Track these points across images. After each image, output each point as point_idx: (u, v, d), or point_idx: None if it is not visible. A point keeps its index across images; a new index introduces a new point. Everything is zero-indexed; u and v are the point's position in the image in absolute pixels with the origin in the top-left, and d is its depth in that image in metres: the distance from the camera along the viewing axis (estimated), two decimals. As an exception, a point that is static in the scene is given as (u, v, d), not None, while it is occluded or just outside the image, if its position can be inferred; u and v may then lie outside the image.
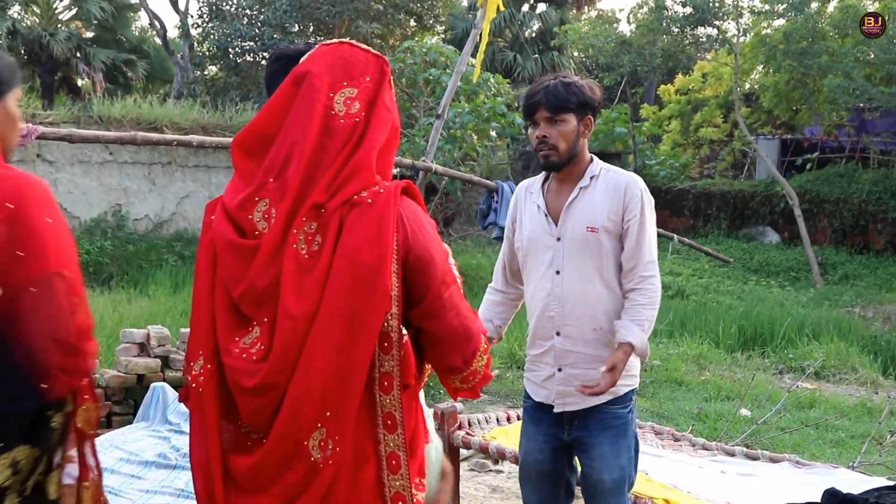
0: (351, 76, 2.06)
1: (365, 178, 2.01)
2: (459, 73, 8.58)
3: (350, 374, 1.96)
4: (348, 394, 1.97)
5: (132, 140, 6.56)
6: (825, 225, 20.08)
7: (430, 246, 2.06)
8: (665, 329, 11.02)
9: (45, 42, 22.91)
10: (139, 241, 15.91)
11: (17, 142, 2.37)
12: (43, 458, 2.06)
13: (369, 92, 2.06)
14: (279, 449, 1.97)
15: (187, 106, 18.47)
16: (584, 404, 3.31)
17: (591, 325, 3.30)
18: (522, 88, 22.03)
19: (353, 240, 1.95)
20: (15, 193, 2.05)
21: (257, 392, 1.96)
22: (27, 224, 2.03)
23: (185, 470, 4.90)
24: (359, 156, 2.01)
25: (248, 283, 1.98)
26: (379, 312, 1.97)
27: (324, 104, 2.01)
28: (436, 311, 2.06)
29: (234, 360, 1.99)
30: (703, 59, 24.70)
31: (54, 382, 2.02)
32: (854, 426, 7.50)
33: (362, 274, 1.94)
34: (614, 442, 3.31)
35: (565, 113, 3.29)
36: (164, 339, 6.74)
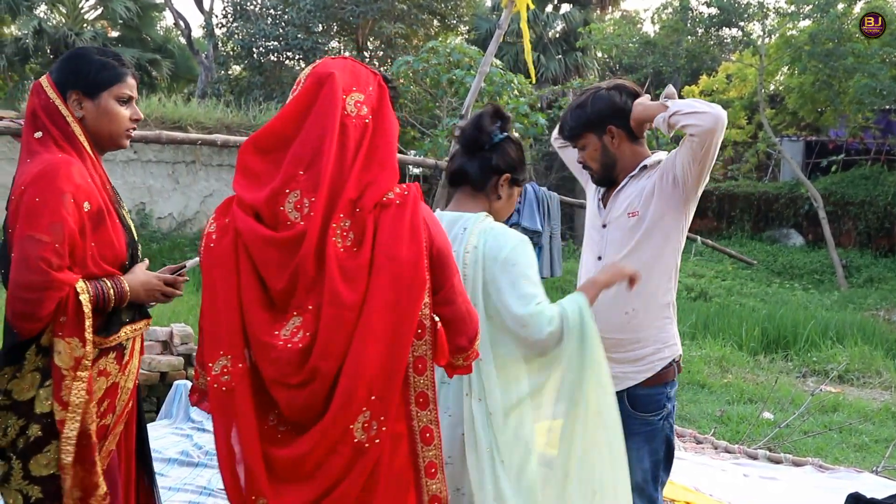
0: (358, 83, 2.24)
1: (390, 180, 2.21)
2: (483, 73, 8.56)
3: (395, 361, 2.13)
4: (393, 379, 2.14)
5: (157, 139, 6.59)
6: (850, 227, 19.94)
7: (445, 241, 2.30)
8: (688, 331, 10.97)
9: (70, 41, 23.05)
10: (163, 239, 16.00)
11: (120, 137, 2.84)
12: (23, 376, 2.64)
13: (374, 100, 2.24)
14: (329, 435, 2.09)
15: (211, 105, 18.55)
16: (620, 386, 3.25)
17: (622, 309, 3.30)
18: (545, 89, 21.99)
19: (390, 238, 2.14)
20: (27, 180, 2.60)
21: (303, 384, 2.09)
22: (25, 202, 2.57)
23: (207, 468, 4.93)
24: (380, 157, 2.20)
25: (297, 271, 2.09)
26: (418, 303, 2.16)
27: (342, 103, 2.18)
28: (450, 298, 2.29)
29: (278, 353, 2.08)
30: (728, 61, 24.56)
31: (19, 325, 2.56)
32: (878, 430, 7.44)
33: (403, 269, 2.13)
34: (638, 447, 3.28)
35: (581, 139, 3.38)
36: (186, 337, 6.78)
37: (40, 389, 2.63)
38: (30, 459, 2.63)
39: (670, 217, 3.33)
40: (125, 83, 2.85)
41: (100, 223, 2.69)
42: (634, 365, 3.33)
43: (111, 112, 2.81)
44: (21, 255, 2.53)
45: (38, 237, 2.53)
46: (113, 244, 2.74)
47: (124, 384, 2.83)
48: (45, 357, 2.64)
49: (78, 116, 2.76)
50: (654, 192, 3.30)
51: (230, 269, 2.15)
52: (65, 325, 2.59)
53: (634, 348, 3.32)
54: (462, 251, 2.79)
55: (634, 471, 3.24)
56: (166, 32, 29.43)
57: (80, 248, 2.63)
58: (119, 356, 2.78)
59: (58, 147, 2.69)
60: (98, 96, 2.78)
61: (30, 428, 2.62)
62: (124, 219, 2.87)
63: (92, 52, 2.85)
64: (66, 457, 2.61)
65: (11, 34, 25.25)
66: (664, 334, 3.37)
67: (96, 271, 2.68)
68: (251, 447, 2.10)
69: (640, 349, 3.32)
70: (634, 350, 3.32)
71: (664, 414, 3.36)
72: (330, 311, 2.07)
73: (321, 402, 2.11)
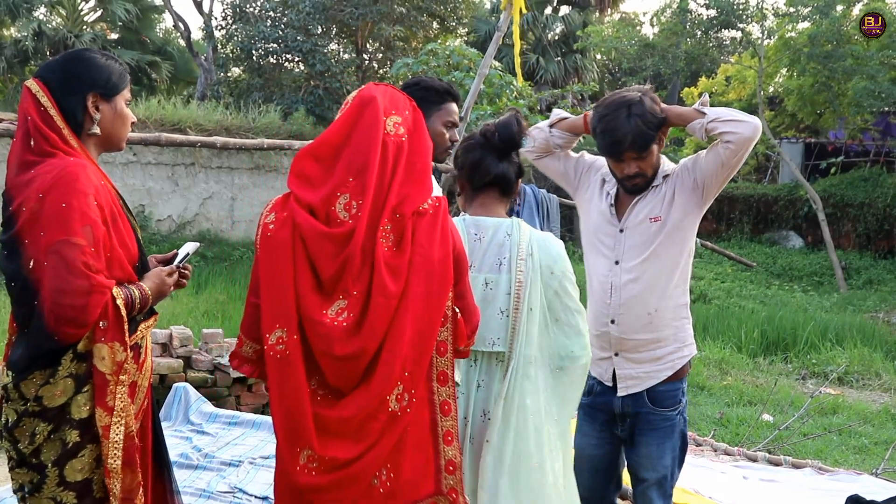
0: (397, 107, 2.63)
1: (425, 192, 2.61)
2: (482, 75, 8.57)
3: (426, 342, 2.55)
4: (423, 357, 2.56)
5: (156, 141, 6.59)
6: (849, 229, 19.95)
7: (461, 244, 2.72)
8: (687, 333, 10.98)
9: (70, 43, 23.07)
10: (162, 241, 15.98)
11: (125, 139, 2.92)
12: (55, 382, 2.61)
13: (409, 122, 2.63)
14: (371, 403, 2.47)
15: (211, 107, 18.54)
16: (643, 386, 3.45)
17: (645, 310, 3.41)
18: (545, 91, 21.99)
19: (426, 241, 2.55)
20: (44, 186, 2.57)
21: (349, 358, 2.46)
22: (48, 207, 2.55)
23: (207, 470, 4.93)
24: (417, 173, 2.61)
25: (346, 261, 2.47)
26: (446, 295, 2.59)
27: (382, 123, 2.56)
28: (463, 292, 2.69)
29: (327, 329, 2.45)
30: (727, 62, 24.59)
31: (65, 330, 2.54)
32: (878, 432, 7.44)
33: (435, 267, 2.55)
34: (660, 443, 3.46)
35: (651, 146, 3.41)
36: (186, 339, 6.77)
37: (77, 395, 2.62)
38: (65, 466, 2.62)
39: (688, 220, 3.47)
40: (129, 86, 2.91)
41: (114, 225, 2.71)
42: (655, 364, 3.46)
43: (124, 114, 2.87)
44: (60, 260, 2.51)
45: (74, 241, 2.52)
46: (127, 245, 2.76)
47: (141, 382, 2.85)
48: (81, 363, 2.62)
49: (96, 119, 2.78)
50: (675, 197, 3.43)
51: (288, 256, 2.50)
52: (107, 330, 2.61)
53: (655, 347, 3.44)
54: (514, 258, 3.03)
55: (656, 467, 3.45)
56: (166, 34, 29.47)
57: (107, 250, 2.64)
58: (136, 355, 2.80)
59: (63, 152, 2.68)
60: (113, 99, 2.83)
61: (65, 434, 2.61)
62: (131, 220, 2.88)
63: (97, 54, 2.85)
64: (115, 461, 2.62)
65: (11, 36, 25.26)
66: (683, 333, 3.51)
67: (120, 275, 2.69)
68: (301, 405, 2.46)
69: (660, 348, 3.45)
70: (656, 349, 3.45)
71: (680, 409, 3.51)
72: (379, 300, 2.46)
73: (361, 373, 2.49)
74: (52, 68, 2.79)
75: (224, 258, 15.82)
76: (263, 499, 4.49)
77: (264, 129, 16.98)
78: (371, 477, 2.52)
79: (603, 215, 3.57)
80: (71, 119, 2.74)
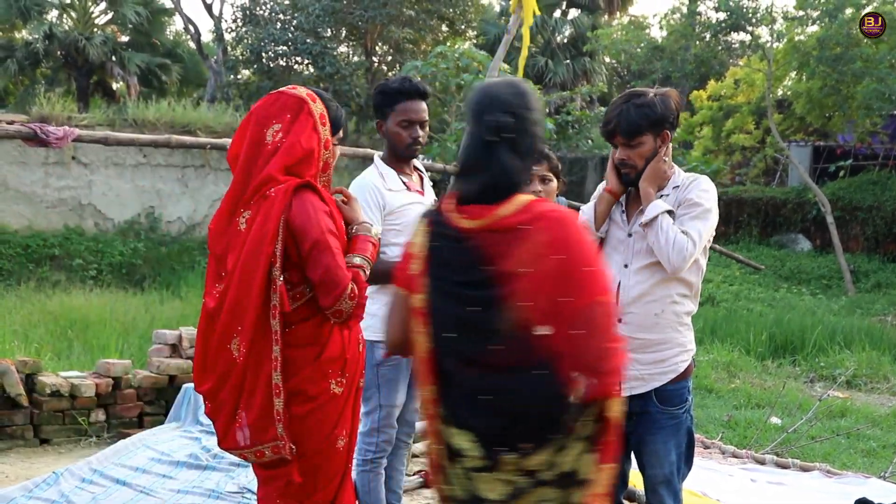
0: (277, 116, 3.07)
1: (282, 180, 3.00)
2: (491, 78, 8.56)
3: (243, 305, 3.03)
4: (245, 317, 3.01)
5: (166, 143, 6.60)
6: (857, 232, 19.89)
7: (305, 220, 2.96)
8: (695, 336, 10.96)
9: (81, 46, 23.16)
10: (172, 243, 16.05)
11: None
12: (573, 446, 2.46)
13: (287, 126, 3.05)
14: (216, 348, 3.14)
15: (221, 109, 18.62)
16: (648, 387, 3.51)
17: (653, 311, 3.49)
18: (554, 94, 21.99)
19: (258, 220, 2.99)
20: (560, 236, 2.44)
21: (212, 318, 3.17)
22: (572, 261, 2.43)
23: (216, 471, 4.95)
24: (280, 164, 3.02)
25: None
26: (261, 265, 2.93)
27: (263, 134, 3.08)
28: (314, 264, 2.96)
29: (207, 299, 3.17)
30: (736, 66, 24.55)
31: (590, 390, 2.44)
32: (886, 436, 7.43)
33: (254, 242, 2.98)
34: (665, 441, 3.53)
35: (640, 136, 3.44)
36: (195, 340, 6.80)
37: (586, 455, 2.49)
38: None
39: None
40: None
41: None
42: (659, 366, 3.52)
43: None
44: (597, 321, 2.41)
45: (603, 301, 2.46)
46: None
47: None
48: (590, 419, 2.50)
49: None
50: (677, 217, 3.48)
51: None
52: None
53: (659, 349, 3.51)
54: None
55: (663, 464, 3.53)
56: (176, 37, 29.53)
57: None
58: None
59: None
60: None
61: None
62: None
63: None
64: None
65: (22, 39, 25.36)
66: (684, 339, 3.58)
67: None
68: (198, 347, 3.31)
69: (663, 350, 3.52)
70: (659, 351, 3.51)
71: (686, 407, 3.58)
72: (227, 276, 3.09)
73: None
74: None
75: (233, 260, 15.86)
76: (272, 499, 4.51)
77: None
78: (231, 409, 3.03)
79: (614, 219, 3.62)
80: None
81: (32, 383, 6.14)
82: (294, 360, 3.01)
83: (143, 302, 11.77)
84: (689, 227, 3.43)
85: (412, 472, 5.55)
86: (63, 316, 9.94)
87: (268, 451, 3.01)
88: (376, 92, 4.19)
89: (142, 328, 9.28)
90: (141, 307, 11.10)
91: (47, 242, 14.99)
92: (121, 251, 15.14)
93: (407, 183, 4.18)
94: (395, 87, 4.10)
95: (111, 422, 6.36)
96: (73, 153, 15.38)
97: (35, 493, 4.45)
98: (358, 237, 3.17)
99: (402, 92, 4.10)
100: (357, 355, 3.21)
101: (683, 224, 3.44)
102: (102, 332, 8.83)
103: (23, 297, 11.93)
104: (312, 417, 3.04)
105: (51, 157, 15.22)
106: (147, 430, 5.77)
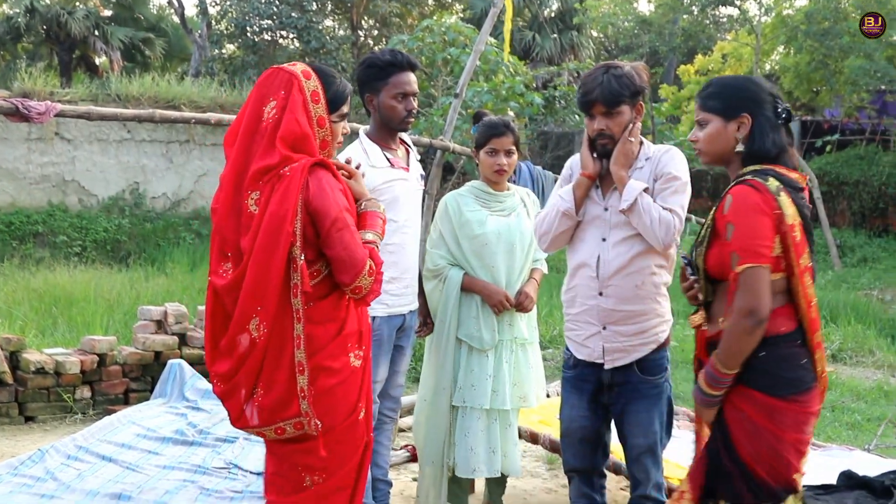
0: (273, 93, 3.05)
1: (289, 158, 2.98)
2: (478, 52, 8.51)
3: (263, 285, 2.98)
4: (267, 297, 2.99)
5: (150, 118, 6.54)
6: (844, 207, 19.97)
7: (322, 201, 2.98)
8: (682, 310, 10.96)
9: (63, 20, 22.95)
10: (157, 219, 15.96)
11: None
12: None
13: (282, 103, 3.03)
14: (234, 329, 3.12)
15: (205, 84, 18.46)
16: (630, 358, 3.59)
17: (634, 282, 3.54)
18: (541, 69, 21.91)
19: (275, 200, 2.96)
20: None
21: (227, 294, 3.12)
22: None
23: (202, 446, 4.94)
24: (280, 142, 2.99)
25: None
26: (282, 245, 2.93)
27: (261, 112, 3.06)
28: (331, 244, 2.99)
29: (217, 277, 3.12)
30: (724, 40, 24.52)
31: None
32: (870, 409, 7.48)
33: (273, 222, 2.94)
34: (648, 410, 3.61)
35: (620, 105, 3.49)
36: (181, 316, 6.77)
37: None
38: None
39: None
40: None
41: None
42: (640, 337, 3.58)
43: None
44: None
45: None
46: None
47: None
48: None
49: None
50: (656, 192, 3.54)
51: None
52: None
53: (640, 320, 3.56)
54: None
55: (647, 433, 3.61)
56: (159, 11, 29.30)
57: None
58: None
59: None
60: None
61: None
62: None
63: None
64: None
65: (3, 13, 25.12)
66: (663, 309, 3.64)
67: None
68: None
69: (644, 321, 3.57)
70: (640, 322, 3.56)
71: (666, 375, 3.67)
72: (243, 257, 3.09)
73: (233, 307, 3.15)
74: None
75: (219, 235, 15.80)
76: (258, 474, 4.49)
77: (259, 106, 16.88)
78: (248, 390, 3.03)
79: (588, 195, 3.64)
80: None
81: (17, 361, 6.11)
82: (317, 336, 3.04)
83: (127, 278, 11.71)
84: (672, 202, 3.49)
85: (398, 446, 5.56)
86: (47, 293, 9.87)
87: (289, 428, 3.03)
88: (365, 66, 4.13)
89: (127, 305, 9.23)
90: (126, 284, 11.04)
91: (31, 219, 14.89)
92: (105, 227, 15.06)
93: (391, 159, 4.15)
94: (387, 60, 4.07)
95: (96, 398, 6.34)
96: (56, 129, 15.26)
97: (20, 470, 4.42)
98: (367, 213, 3.19)
99: (394, 64, 4.07)
100: (369, 326, 3.27)
101: (665, 200, 3.50)
102: (87, 309, 8.78)
103: (6, 274, 11.85)
104: (339, 391, 3.08)
105: (33, 132, 15.10)
106: (133, 407, 5.75)
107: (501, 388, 4.32)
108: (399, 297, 4.19)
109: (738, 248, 2.84)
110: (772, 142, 2.98)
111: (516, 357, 4.41)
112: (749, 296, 2.82)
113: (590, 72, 3.58)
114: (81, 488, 4.24)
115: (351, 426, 3.14)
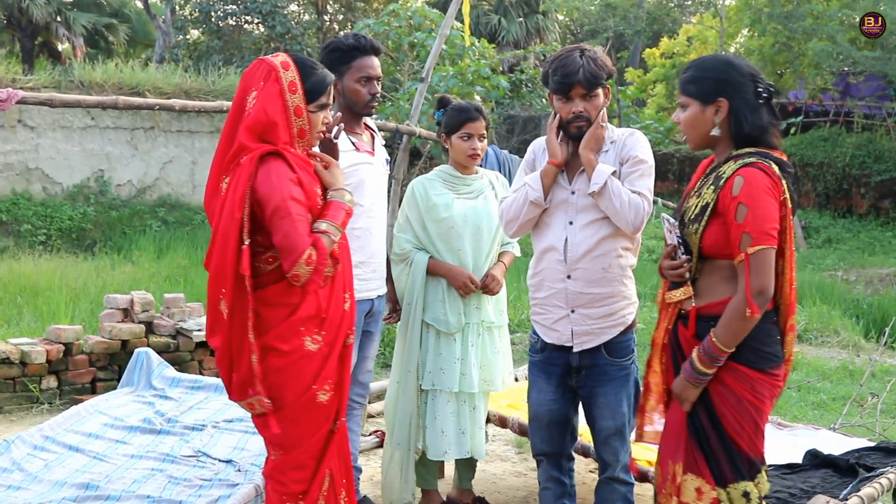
0: (254, 83, 3.17)
1: (251, 147, 3.10)
2: (444, 36, 8.49)
3: (223, 267, 3.12)
4: (225, 278, 3.13)
5: (114, 104, 6.47)
6: (809, 189, 20.13)
7: (269, 188, 3.06)
8: (650, 293, 11.04)
9: (24, 6, 22.61)
10: (122, 206, 15.81)
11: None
12: None
13: (260, 91, 3.14)
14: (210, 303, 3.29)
15: (169, 70, 18.27)
16: (598, 340, 3.62)
17: (601, 265, 3.57)
18: (507, 52, 21.89)
19: (231, 186, 3.09)
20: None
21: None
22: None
23: (170, 435, 4.91)
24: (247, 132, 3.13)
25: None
26: (233, 229, 3.04)
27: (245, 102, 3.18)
28: (275, 230, 3.06)
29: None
30: (689, 23, 24.61)
31: None
32: (836, 388, 7.56)
33: (227, 207, 3.08)
34: (616, 392, 3.65)
35: (598, 88, 3.56)
36: (147, 304, 6.73)
37: None
38: None
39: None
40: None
41: None
42: (608, 320, 3.62)
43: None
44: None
45: None
46: None
47: None
48: None
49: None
50: (623, 175, 3.58)
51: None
52: None
53: (608, 303, 3.60)
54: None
55: (615, 415, 3.64)
56: (123, -4, 28.92)
57: None
58: None
59: None
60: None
61: None
62: None
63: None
64: None
65: (-38, -1, 24.71)
66: (629, 291, 3.68)
67: None
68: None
69: (612, 304, 3.61)
70: (608, 305, 3.60)
71: (633, 358, 3.73)
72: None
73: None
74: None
75: (185, 223, 15.68)
76: (227, 462, 4.48)
77: (224, 91, 16.76)
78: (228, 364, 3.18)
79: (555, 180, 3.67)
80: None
81: (-19, 351, 6.04)
82: (266, 318, 3.16)
83: (93, 267, 11.59)
84: (639, 185, 3.55)
85: (368, 432, 5.56)
86: (12, 282, 9.76)
87: (256, 404, 3.18)
88: (328, 50, 4.13)
89: (93, 293, 9.15)
90: (92, 272, 10.93)
91: (-6, 208, 14.72)
92: (70, 216, 14.89)
93: (356, 143, 4.14)
94: (350, 44, 4.08)
95: (63, 388, 6.29)
96: (19, 116, 15.05)
97: (-15, 461, 4.38)
98: (331, 203, 3.24)
99: (357, 48, 4.07)
100: (340, 314, 3.30)
101: (633, 183, 3.54)
102: (52, 298, 8.69)
103: (-30, 263, 11.70)
104: (287, 372, 3.18)
105: (-5, 119, 14.89)
106: (100, 396, 5.70)
107: (469, 371, 4.33)
108: (366, 281, 4.19)
109: (752, 230, 2.92)
110: (751, 124, 3.06)
111: (482, 340, 4.43)
112: (761, 276, 2.92)
113: (561, 53, 3.60)
114: (48, 479, 4.20)
115: (306, 407, 3.21)
